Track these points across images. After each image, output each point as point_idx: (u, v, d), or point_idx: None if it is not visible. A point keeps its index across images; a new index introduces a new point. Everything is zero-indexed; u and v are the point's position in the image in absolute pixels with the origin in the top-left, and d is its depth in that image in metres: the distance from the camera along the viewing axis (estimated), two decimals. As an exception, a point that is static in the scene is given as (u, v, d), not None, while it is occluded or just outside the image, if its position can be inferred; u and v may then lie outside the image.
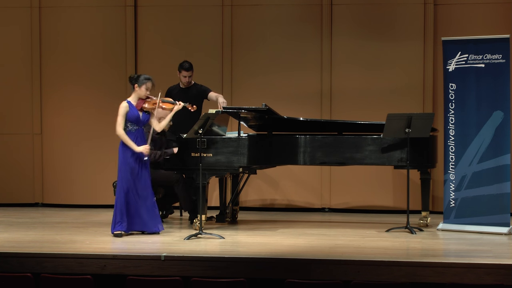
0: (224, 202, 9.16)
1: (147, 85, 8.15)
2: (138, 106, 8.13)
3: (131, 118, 8.10)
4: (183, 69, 9.34)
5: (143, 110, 8.15)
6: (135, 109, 8.12)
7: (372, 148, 8.59)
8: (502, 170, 8.39)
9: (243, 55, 10.46)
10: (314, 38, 10.34)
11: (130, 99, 8.18)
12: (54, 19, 10.71)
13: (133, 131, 8.12)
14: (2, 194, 10.76)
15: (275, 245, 7.67)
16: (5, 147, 10.81)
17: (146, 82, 8.15)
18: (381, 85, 10.21)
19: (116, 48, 10.61)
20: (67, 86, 10.70)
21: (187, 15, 10.53)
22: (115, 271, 6.89)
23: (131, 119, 8.09)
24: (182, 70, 9.34)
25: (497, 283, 6.45)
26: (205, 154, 8.46)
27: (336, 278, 6.55)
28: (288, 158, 8.69)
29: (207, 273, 6.74)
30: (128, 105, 8.13)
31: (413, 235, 8.19)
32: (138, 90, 8.14)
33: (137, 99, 8.16)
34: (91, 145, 10.64)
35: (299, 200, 10.43)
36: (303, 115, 9.49)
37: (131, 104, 8.14)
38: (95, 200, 10.63)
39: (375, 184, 10.25)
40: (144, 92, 8.14)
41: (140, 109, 8.14)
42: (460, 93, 8.58)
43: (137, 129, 8.14)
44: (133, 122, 8.10)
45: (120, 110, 8.09)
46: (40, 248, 7.37)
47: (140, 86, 8.14)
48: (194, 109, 8.46)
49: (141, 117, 8.14)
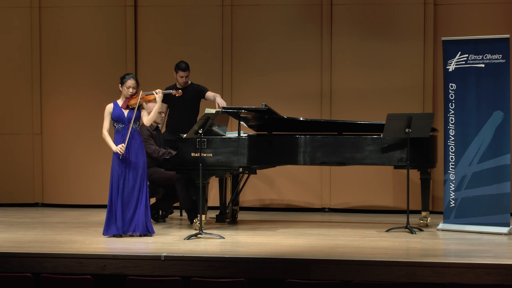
0: (224, 202, 9.16)
1: (127, 83, 8.11)
2: (124, 105, 8.12)
3: (114, 117, 8.10)
4: (179, 69, 9.33)
5: (129, 107, 8.12)
6: (118, 108, 8.10)
7: (372, 148, 8.59)
8: (502, 170, 8.39)
9: (243, 55, 10.46)
10: (314, 38, 10.34)
11: (118, 100, 8.19)
12: (54, 19, 10.71)
13: (120, 130, 8.11)
14: (2, 194, 10.76)
15: (275, 245, 7.67)
16: (5, 147, 10.81)
17: (127, 80, 8.12)
18: (381, 85, 10.21)
19: (116, 48, 10.61)
20: (67, 86, 10.70)
21: (187, 15, 10.53)
22: (115, 271, 6.89)
23: (115, 118, 8.10)
24: (179, 71, 9.34)
25: (497, 283, 6.45)
26: (205, 154, 8.46)
27: (336, 278, 6.55)
28: (288, 158, 8.69)
29: (207, 273, 6.74)
30: (113, 105, 8.13)
31: (413, 235, 8.19)
32: (121, 89, 8.14)
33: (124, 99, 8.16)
34: (91, 145, 10.63)
35: (299, 200, 10.43)
36: (303, 115, 9.48)
37: (116, 104, 8.14)
38: (95, 200, 10.63)
39: (375, 184, 10.25)
40: (126, 90, 8.10)
41: (127, 107, 8.11)
42: (460, 93, 8.58)
43: (123, 127, 8.10)
44: (117, 120, 8.10)
45: (104, 112, 8.12)
46: (40, 248, 7.37)
47: (122, 85, 8.14)
48: (179, 94, 8.44)
49: (125, 115, 8.10)
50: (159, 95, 8.14)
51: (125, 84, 8.12)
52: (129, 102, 8.11)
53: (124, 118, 8.10)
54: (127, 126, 8.09)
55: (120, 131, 8.11)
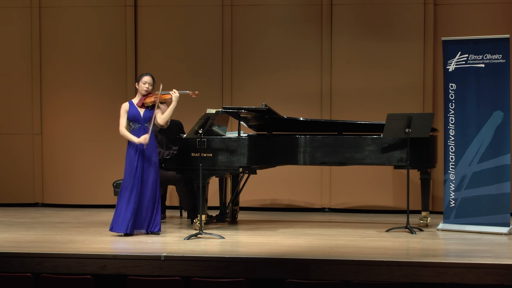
0: (224, 202, 9.16)
1: (143, 79, 8.17)
2: (139, 103, 8.15)
3: (130, 117, 8.13)
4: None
5: (145, 106, 8.16)
6: (135, 107, 8.14)
7: (372, 148, 8.59)
8: (502, 170, 8.39)
9: (243, 55, 10.46)
10: (314, 38, 10.34)
11: (134, 99, 8.21)
12: (54, 19, 10.71)
13: (136, 129, 8.13)
14: (2, 194, 10.76)
15: (275, 245, 7.67)
16: (5, 147, 10.81)
17: (143, 77, 8.18)
18: (381, 85, 10.22)
19: (116, 48, 10.61)
20: (67, 86, 10.70)
21: (187, 15, 10.53)
22: (115, 271, 6.90)
23: (130, 118, 8.12)
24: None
25: (497, 283, 6.45)
26: (205, 154, 8.46)
27: (336, 278, 6.55)
28: (288, 158, 8.69)
29: (207, 273, 6.74)
30: (129, 104, 8.17)
31: (413, 235, 8.19)
32: (138, 87, 8.18)
33: (140, 97, 8.19)
34: (91, 145, 10.64)
35: (299, 200, 10.43)
36: (303, 115, 9.49)
37: (131, 103, 8.17)
38: (95, 200, 10.64)
39: (375, 184, 10.25)
40: (143, 87, 8.15)
41: (142, 106, 8.15)
42: (460, 93, 8.58)
43: (140, 127, 8.13)
44: (133, 120, 8.11)
45: (121, 110, 8.15)
46: (40, 248, 7.37)
47: (138, 83, 8.18)
48: (196, 95, 8.42)
49: (141, 114, 8.14)
50: (176, 94, 8.18)
51: (141, 80, 8.16)
52: (144, 101, 8.14)
53: (140, 118, 8.12)
54: (143, 126, 8.12)
55: (136, 130, 8.12)
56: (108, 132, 10.50)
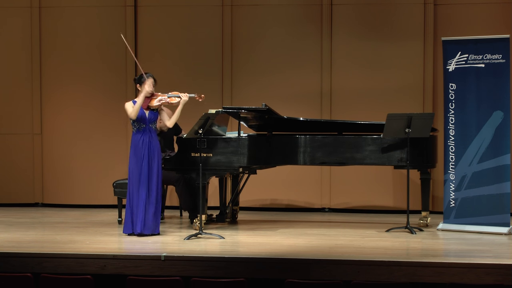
0: (224, 202, 9.16)
1: (148, 81, 8.16)
2: (145, 105, 8.13)
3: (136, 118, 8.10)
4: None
5: (150, 108, 8.15)
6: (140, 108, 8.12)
7: (372, 148, 8.59)
8: (502, 170, 8.39)
9: (243, 55, 10.46)
10: (314, 38, 10.34)
11: (136, 99, 8.18)
12: (54, 19, 10.71)
13: (140, 130, 8.13)
14: (2, 194, 10.76)
15: (275, 245, 7.67)
16: (5, 147, 10.81)
17: (147, 79, 8.17)
18: (381, 85, 10.21)
19: (116, 48, 10.60)
20: (67, 86, 10.70)
21: (187, 15, 10.53)
22: (115, 271, 6.89)
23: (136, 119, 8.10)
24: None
25: (497, 283, 6.45)
26: (205, 154, 8.46)
27: (336, 278, 6.55)
28: (288, 158, 8.69)
29: (207, 273, 6.74)
30: (133, 103, 8.14)
31: (413, 235, 8.19)
32: (141, 88, 8.15)
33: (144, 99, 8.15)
34: (91, 145, 10.64)
35: (299, 200, 10.43)
36: (303, 115, 9.49)
37: (135, 103, 8.14)
38: (95, 200, 10.63)
39: (375, 184, 10.25)
40: (147, 88, 8.14)
41: (147, 108, 8.14)
42: (460, 93, 8.58)
43: (144, 127, 8.13)
44: (138, 121, 8.11)
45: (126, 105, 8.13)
46: (40, 248, 7.37)
47: (142, 84, 8.15)
48: (202, 99, 8.41)
49: (147, 115, 8.14)
50: (184, 98, 8.17)
51: (146, 81, 8.15)
52: (149, 104, 8.13)
53: (145, 119, 8.13)
54: (148, 126, 8.13)
55: (140, 131, 8.12)
56: (108, 132, 10.50)
